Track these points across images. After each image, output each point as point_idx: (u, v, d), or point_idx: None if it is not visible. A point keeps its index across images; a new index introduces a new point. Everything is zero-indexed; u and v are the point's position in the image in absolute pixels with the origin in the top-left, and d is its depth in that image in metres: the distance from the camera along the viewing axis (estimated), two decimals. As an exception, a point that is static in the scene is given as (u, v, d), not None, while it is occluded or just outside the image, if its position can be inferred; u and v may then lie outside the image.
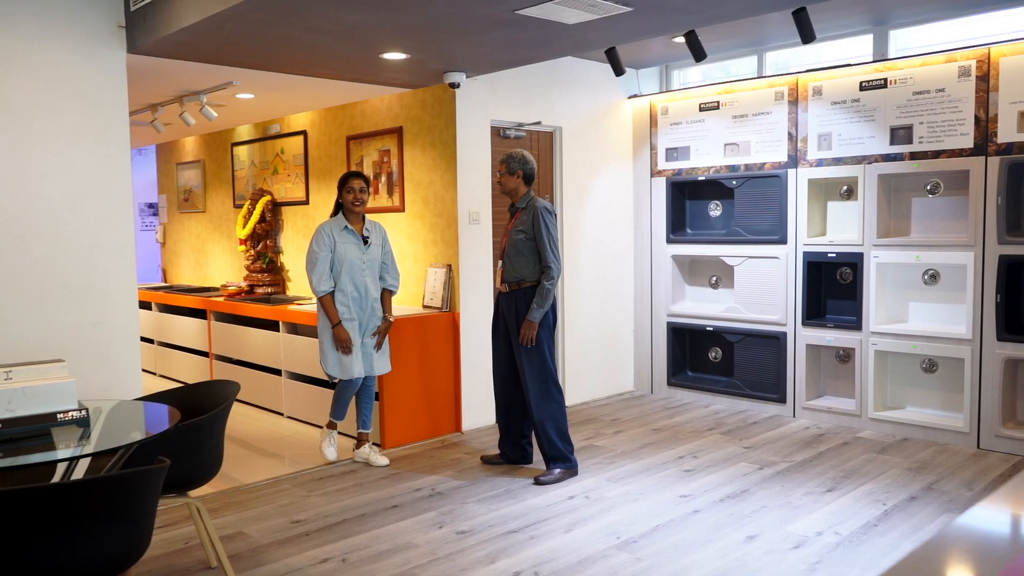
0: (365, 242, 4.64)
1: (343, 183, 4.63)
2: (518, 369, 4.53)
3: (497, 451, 4.89)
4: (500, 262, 4.57)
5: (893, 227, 5.43)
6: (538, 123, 5.85)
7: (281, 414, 6.12)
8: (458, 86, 4.97)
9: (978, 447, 5.00)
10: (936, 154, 5.08)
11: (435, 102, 5.55)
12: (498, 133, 5.74)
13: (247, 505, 4.23)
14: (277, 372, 6.15)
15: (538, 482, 4.45)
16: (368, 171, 6.09)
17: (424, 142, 5.64)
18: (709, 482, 4.45)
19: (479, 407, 5.65)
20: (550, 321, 4.49)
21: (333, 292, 4.58)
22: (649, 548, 3.57)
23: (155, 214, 9.83)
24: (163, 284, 8.58)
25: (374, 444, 5.08)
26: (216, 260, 7.99)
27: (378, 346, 4.70)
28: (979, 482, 4.38)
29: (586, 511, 4.04)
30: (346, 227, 4.61)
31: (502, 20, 3.71)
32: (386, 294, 4.76)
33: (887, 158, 5.29)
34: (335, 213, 4.68)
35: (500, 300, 4.62)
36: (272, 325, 6.17)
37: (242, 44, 4.12)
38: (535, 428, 4.52)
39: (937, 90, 5.07)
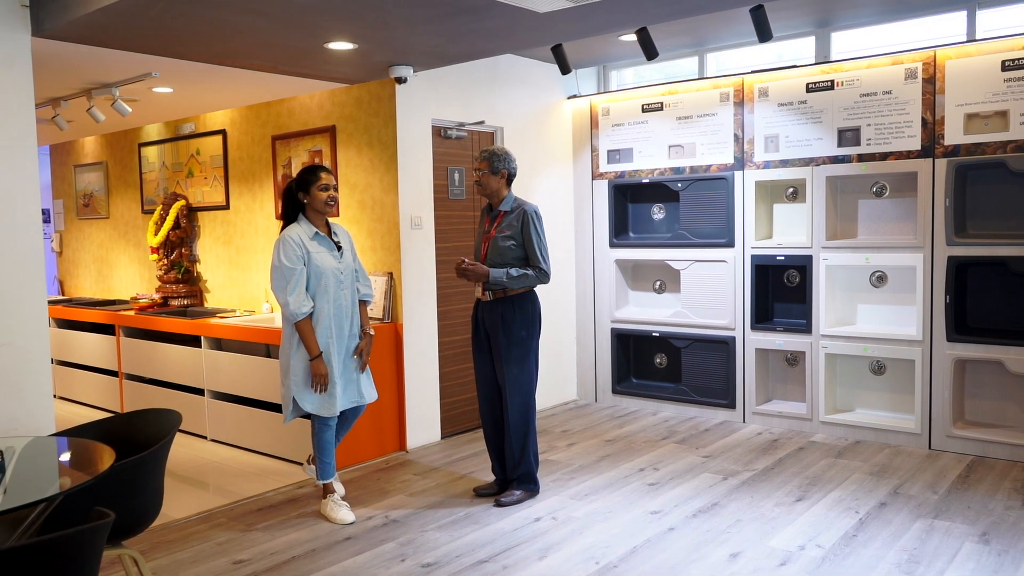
0: (338, 249, 3.99)
1: (309, 180, 3.88)
2: (500, 384, 4.22)
3: (490, 480, 4.45)
4: None
5: (840, 229, 5.40)
6: (481, 123, 5.58)
7: (205, 437, 5.63)
8: (404, 81, 4.66)
9: (930, 447, 5.01)
10: (884, 156, 5.07)
11: (372, 100, 5.20)
12: (439, 133, 5.44)
13: (180, 545, 3.78)
14: (199, 392, 5.65)
15: (500, 504, 4.17)
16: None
17: (360, 142, 5.28)
18: (677, 496, 4.26)
19: (425, 423, 5.32)
20: (538, 331, 4.23)
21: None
22: (632, 572, 3.34)
23: (47, 220, 9.05)
24: (61, 297, 7.87)
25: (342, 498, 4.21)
26: (122, 270, 7.37)
27: (363, 367, 4.07)
28: (941, 484, 4.36)
29: (557, 534, 3.79)
30: (317, 233, 3.91)
31: (468, 6, 3.42)
32: (362, 306, 4.14)
33: (835, 160, 5.26)
34: (290, 219, 3.94)
35: (480, 311, 4.22)
36: (192, 340, 5.67)
37: (169, 28, 3.68)
38: (511, 447, 4.22)
39: (884, 92, 5.06)
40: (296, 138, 5.66)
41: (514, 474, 4.24)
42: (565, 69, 5.10)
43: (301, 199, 3.92)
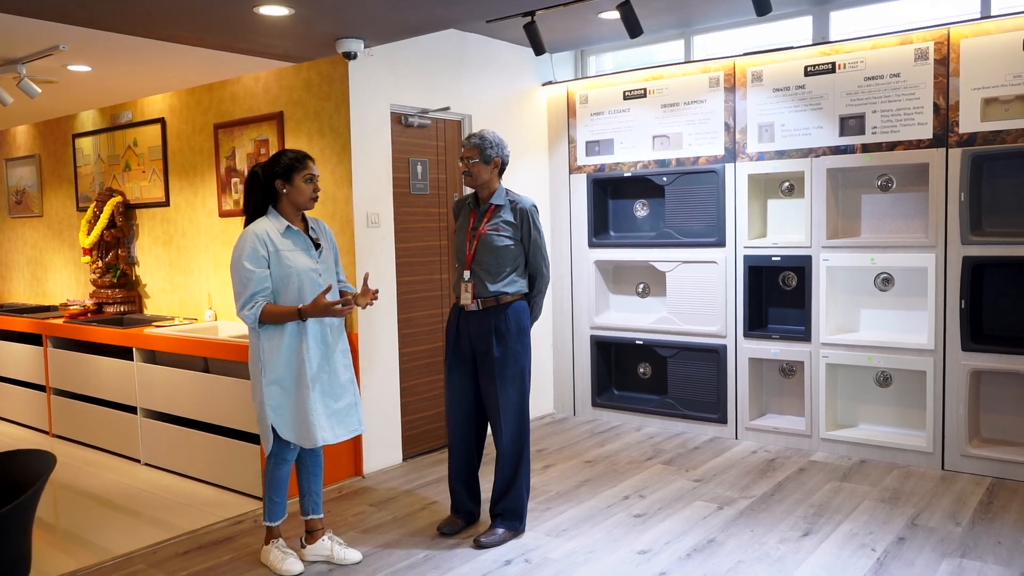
0: (316, 247, 3.36)
1: (293, 168, 3.26)
2: (488, 405, 3.68)
3: (452, 515, 3.84)
4: (464, 272, 3.63)
5: (842, 227, 4.92)
6: (446, 109, 5.03)
7: (138, 461, 5.03)
8: (354, 57, 4.08)
9: (943, 468, 4.53)
10: (891, 146, 4.59)
11: (323, 82, 4.64)
12: (399, 120, 4.89)
13: (86, 600, 3.21)
14: (132, 410, 5.06)
15: (480, 545, 3.60)
16: (242, 166, 5.10)
17: (310, 129, 4.72)
18: (667, 531, 3.74)
19: (384, 444, 4.76)
20: (530, 343, 3.72)
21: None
22: (620, 634, 2.82)
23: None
24: (-9, 303, 7.22)
25: (332, 535, 3.57)
26: (57, 274, 6.73)
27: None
28: (962, 513, 3.87)
29: (531, 582, 3.26)
30: (289, 228, 3.28)
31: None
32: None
33: (836, 150, 4.77)
34: (258, 212, 3.30)
35: (462, 321, 3.66)
36: (125, 352, 5.08)
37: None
38: (501, 476, 3.68)
39: (891, 75, 4.58)
40: (240, 126, 5.08)
41: (499, 508, 3.70)
42: (539, 49, 4.58)
43: (279, 188, 3.27)
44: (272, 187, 3.29)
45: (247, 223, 3.32)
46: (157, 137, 5.64)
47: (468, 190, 4.85)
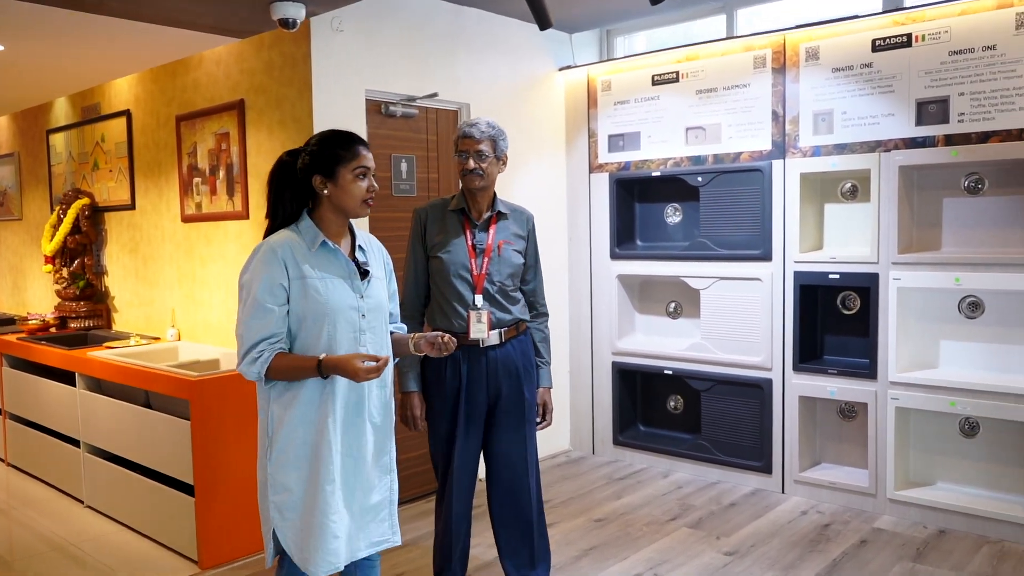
0: (363, 274, 2.33)
1: (338, 156, 2.26)
2: (502, 464, 2.95)
3: None
4: (475, 298, 2.85)
5: (918, 238, 3.98)
6: (434, 95, 4.25)
7: (81, 502, 4.39)
8: (294, 26, 3.33)
9: (1047, 546, 3.57)
10: (983, 137, 3.64)
11: (285, 64, 3.92)
12: (379, 109, 4.14)
13: None
14: (76, 443, 4.42)
15: None
16: (204, 164, 4.42)
17: (272, 120, 4.00)
18: (681, 633, 2.90)
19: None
20: None
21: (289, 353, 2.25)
22: None
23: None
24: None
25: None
26: (35, 282, 6.19)
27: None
28: (1078, 620, 2.93)
29: None
30: (325, 243, 2.28)
31: None
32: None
33: (911, 144, 3.84)
34: (288, 218, 2.30)
35: (475, 363, 2.86)
36: (72, 377, 4.44)
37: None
38: (518, 539, 2.99)
39: (984, 48, 3.63)
40: (202, 118, 4.40)
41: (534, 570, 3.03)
42: (543, 22, 3.74)
43: (317, 187, 2.27)
44: (307, 185, 2.29)
45: (267, 234, 2.30)
46: (123, 132, 5.01)
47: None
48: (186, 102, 4.53)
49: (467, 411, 2.86)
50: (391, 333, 2.46)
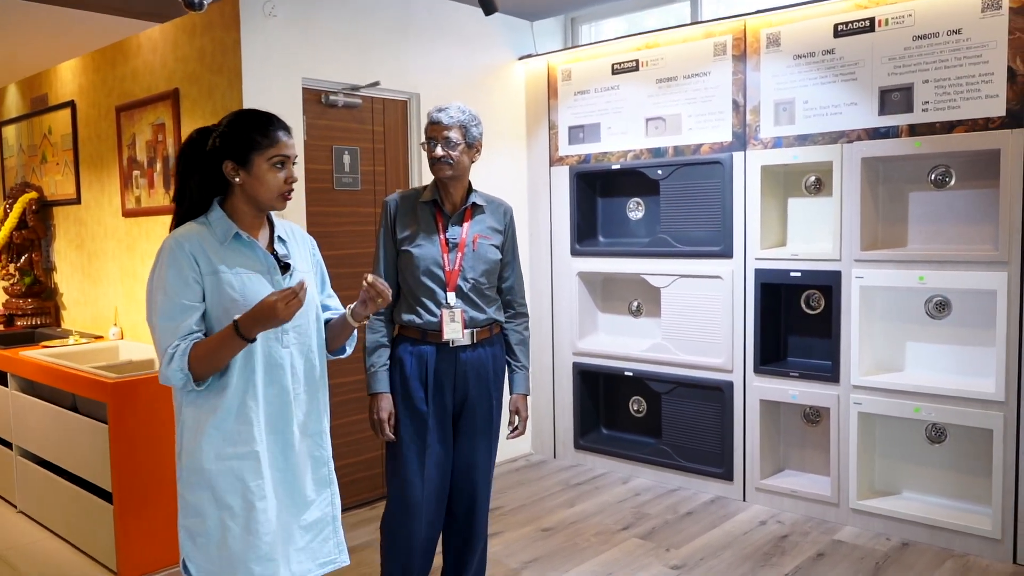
0: (284, 268, 2.09)
1: (252, 142, 2.00)
2: (462, 475, 2.73)
3: None
4: (448, 295, 2.63)
5: (883, 235, 3.78)
6: (375, 84, 4.07)
7: (14, 506, 4.24)
8: (200, 7, 3.12)
9: (1015, 560, 3.36)
10: (948, 127, 3.43)
11: (216, 50, 3.75)
12: (318, 99, 3.95)
13: None
14: (8, 445, 4.27)
15: None
16: (143, 156, 4.25)
17: (205, 111, 3.83)
18: (609, 655, 2.71)
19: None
20: None
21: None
22: None
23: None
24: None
25: None
26: (-8, 278, 6.04)
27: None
28: (1037, 644, 2.73)
29: None
30: (239, 236, 2.03)
31: None
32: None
33: (875, 134, 3.63)
34: (193, 210, 2.05)
35: (445, 364, 2.64)
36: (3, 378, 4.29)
37: None
38: (471, 556, 2.80)
39: (949, 32, 3.42)
40: (139, 109, 4.23)
41: None
42: (488, 7, 3.59)
43: (229, 175, 2.01)
44: (217, 170, 2.02)
45: (174, 226, 2.06)
46: (68, 123, 4.85)
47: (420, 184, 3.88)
48: (125, 92, 4.36)
49: (438, 417, 2.64)
50: (327, 320, 2.23)
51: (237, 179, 2.00)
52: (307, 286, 1.93)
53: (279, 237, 2.12)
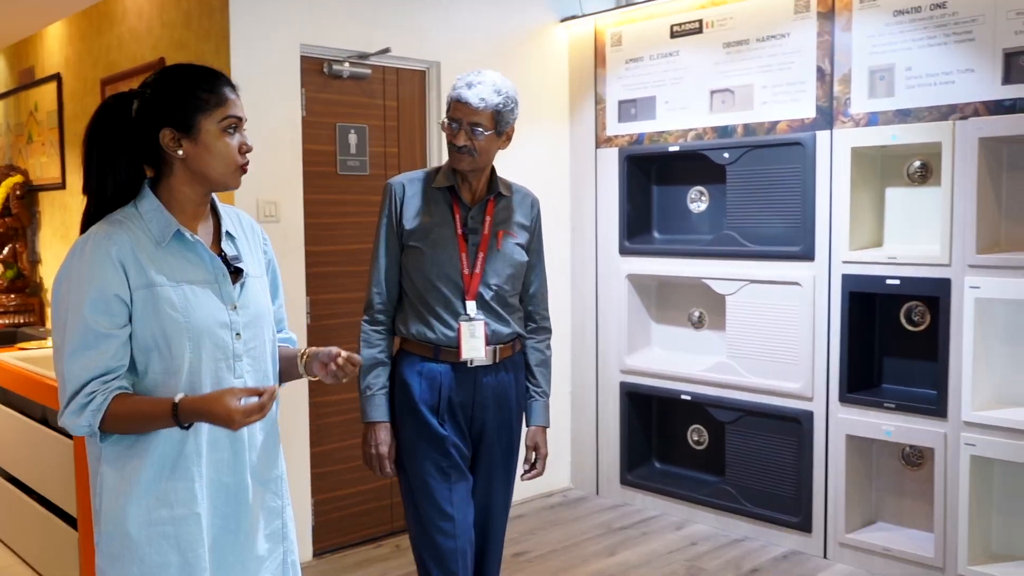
0: (235, 272, 1.61)
1: (197, 101, 1.52)
2: (481, 512, 2.24)
3: None
4: (468, 304, 2.14)
5: (1006, 234, 3.03)
6: (386, 51, 3.44)
7: (-22, 530, 3.76)
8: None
9: None
10: (1105, 97, 2.68)
11: (203, 15, 3.20)
12: (320, 68, 3.35)
13: None
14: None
15: None
16: (125, 135, 3.72)
17: (185, 81, 3.27)
18: None
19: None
20: None
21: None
22: None
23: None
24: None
25: None
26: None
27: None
28: None
29: None
30: (180, 233, 1.55)
31: None
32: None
33: (997, 108, 2.89)
34: (116, 198, 1.55)
35: (463, 386, 2.15)
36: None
37: None
38: None
39: (1110, -26, 2.66)
40: (125, 80, 3.72)
41: None
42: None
43: (169, 148, 1.53)
44: (149, 143, 1.55)
45: (87, 222, 1.57)
46: (54, 99, 4.36)
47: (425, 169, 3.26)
48: (111, 63, 3.86)
49: (458, 449, 2.16)
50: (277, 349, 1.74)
51: (180, 151, 1.54)
52: (276, 395, 1.55)
53: (227, 233, 1.64)
